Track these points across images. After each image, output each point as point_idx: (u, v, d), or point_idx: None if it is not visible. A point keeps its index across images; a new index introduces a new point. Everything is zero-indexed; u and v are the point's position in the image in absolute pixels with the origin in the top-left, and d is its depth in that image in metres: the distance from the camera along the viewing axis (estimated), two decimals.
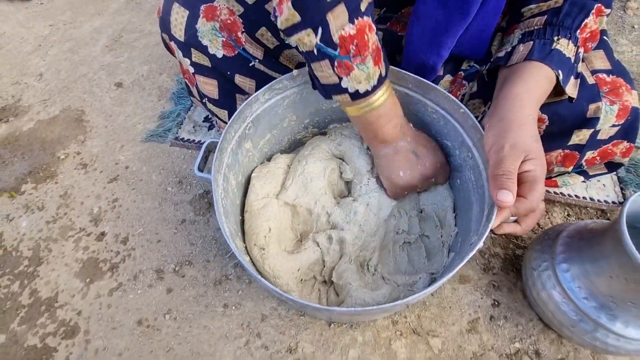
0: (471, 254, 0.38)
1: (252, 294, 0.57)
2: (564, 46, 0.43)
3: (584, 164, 0.57)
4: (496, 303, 0.56)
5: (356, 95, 0.42)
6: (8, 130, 0.80)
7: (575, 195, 0.66)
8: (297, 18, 0.37)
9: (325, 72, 0.40)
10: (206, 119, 0.78)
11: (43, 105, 0.85)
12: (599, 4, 0.44)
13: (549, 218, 0.65)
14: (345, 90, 0.41)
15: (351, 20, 0.37)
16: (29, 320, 0.56)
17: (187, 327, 0.54)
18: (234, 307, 0.56)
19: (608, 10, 0.46)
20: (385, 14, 0.58)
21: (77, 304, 0.57)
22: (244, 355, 0.52)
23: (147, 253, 0.62)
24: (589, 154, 0.54)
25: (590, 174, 0.61)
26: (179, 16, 0.52)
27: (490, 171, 0.40)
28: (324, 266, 0.54)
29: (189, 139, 0.75)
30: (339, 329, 0.54)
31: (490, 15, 0.49)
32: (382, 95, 0.43)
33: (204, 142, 0.74)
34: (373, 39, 0.39)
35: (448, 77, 0.60)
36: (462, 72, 0.59)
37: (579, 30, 0.44)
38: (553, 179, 0.63)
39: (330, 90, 0.43)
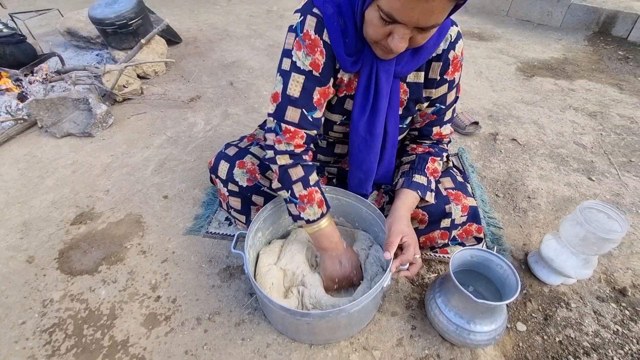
0: (377, 285, 0.75)
1: (260, 330, 0.88)
2: (419, 178, 0.89)
3: (457, 237, 0.98)
4: (414, 327, 0.89)
5: (308, 222, 0.81)
6: (87, 230, 1.16)
7: None
8: (280, 185, 0.81)
9: (292, 209, 0.82)
10: (227, 219, 1.18)
11: (111, 212, 1.23)
12: (432, 157, 0.93)
13: (440, 271, 1.03)
14: (303, 219, 0.81)
15: (305, 189, 0.79)
16: (109, 355, 0.84)
17: (217, 354, 0.84)
18: (248, 339, 0.86)
19: (438, 158, 0.93)
20: (338, 159, 1.06)
21: (143, 343, 0.86)
22: None
23: (189, 308, 0.93)
24: (455, 232, 0.96)
25: (467, 244, 1.03)
26: (223, 167, 0.97)
27: (384, 242, 0.80)
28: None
29: (216, 232, 1.13)
30: (316, 348, 0.84)
31: (390, 155, 0.94)
32: (324, 224, 0.82)
33: (227, 234, 1.13)
34: (318, 197, 0.80)
35: (375, 192, 1.06)
36: (383, 189, 1.05)
37: (425, 169, 0.91)
38: (444, 248, 1.04)
39: (295, 218, 0.82)
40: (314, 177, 0.82)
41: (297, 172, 0.80)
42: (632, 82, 2.11)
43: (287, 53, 0.76)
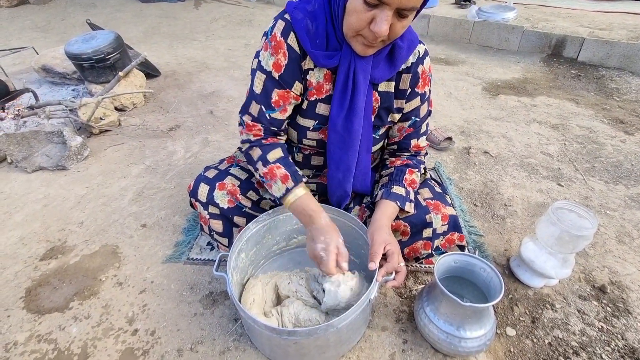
0: (365, 297, 0.74)
1: (247, 357, 0.84)
2: (397, 189, 0.91)
3: (440, 247, 0.99)
4: (405, 341, 0.87)
5: (280, 197, 0.82)
6: (57, 265, 1.10)
7: None
8: (250, 167, 0.88)
9: (267, 188, 0.85)
10: (209, 244, 1.15)
11: (85, 244, 1.17)
12: (410, 169, 0.95)
13: (427, 282, 1.03)
14: (277, 197, 0.83)
15: (265, 166, 0.83)
16: None
17: None
18: None
19: (416, 170, 0.96)
20: (316, 173, 1.07)
21: None
22: None
23: (170, 339, 0.88)
24: (438, 241, 0.97)
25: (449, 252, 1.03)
26: (203, 189, 0.96)
27: (369, 252, 0.80)
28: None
29: (198, 258, 1.10)
30: None
31: (364, 160, 0.95)
32: (293, 197, 0.81)
33: (209, 259, 1.09)
34: (281, 172, 0.82)
35: (357, 207, 1.07)
36: (364, 204, 1.06)
37: (403, 180, 0.93)
38: (428, 259, 1.04)
39: (273, 196, 0.84)
40: (274, 155, 0.85)
41: (255, 153, 0.86)
42: (586, 96, 2.28)
43: (257, 54, 0.84)
